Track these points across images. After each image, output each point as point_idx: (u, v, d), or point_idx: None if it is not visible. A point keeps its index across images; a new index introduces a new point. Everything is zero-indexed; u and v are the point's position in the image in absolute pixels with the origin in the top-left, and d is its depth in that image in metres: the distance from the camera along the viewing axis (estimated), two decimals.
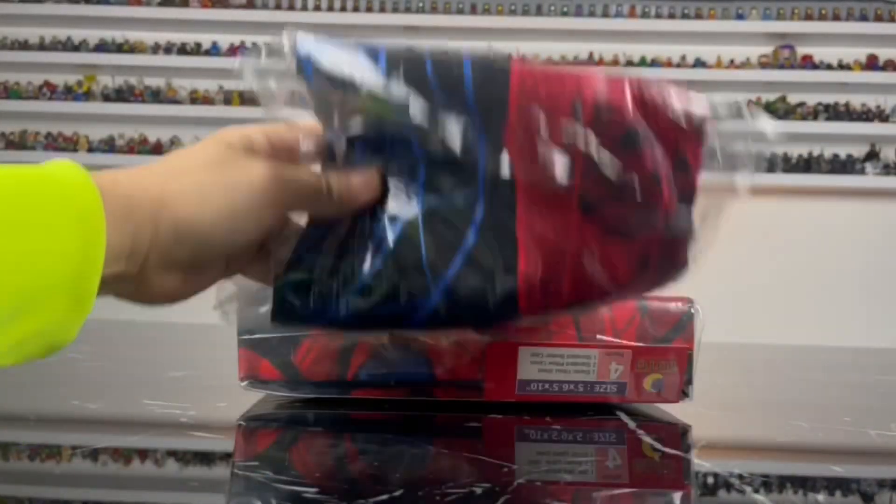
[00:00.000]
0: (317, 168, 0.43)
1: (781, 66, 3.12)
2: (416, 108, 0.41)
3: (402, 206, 0.43)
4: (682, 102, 0.42)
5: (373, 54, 0.42)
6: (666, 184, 0.42)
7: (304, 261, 0.43)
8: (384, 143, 0.43)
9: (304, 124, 0.43)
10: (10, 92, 3.20)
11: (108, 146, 3.22)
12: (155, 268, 0.37)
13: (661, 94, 0.42)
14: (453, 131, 0.42)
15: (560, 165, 0.41)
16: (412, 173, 0.43)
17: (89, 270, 0.33)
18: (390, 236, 0.42)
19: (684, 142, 0.42)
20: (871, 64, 3.10)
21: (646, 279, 0.44)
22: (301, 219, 0.44)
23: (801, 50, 3.15)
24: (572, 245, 0.42)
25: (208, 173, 0.38)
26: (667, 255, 0.43)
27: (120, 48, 3.20)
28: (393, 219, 0.43)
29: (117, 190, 0.35)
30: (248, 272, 0.43)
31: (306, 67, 0.42)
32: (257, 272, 0.43)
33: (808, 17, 3.14)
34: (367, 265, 0.42)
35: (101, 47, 3.21)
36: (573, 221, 0.42)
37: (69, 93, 3.22)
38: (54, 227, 0.32)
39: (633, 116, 0.41)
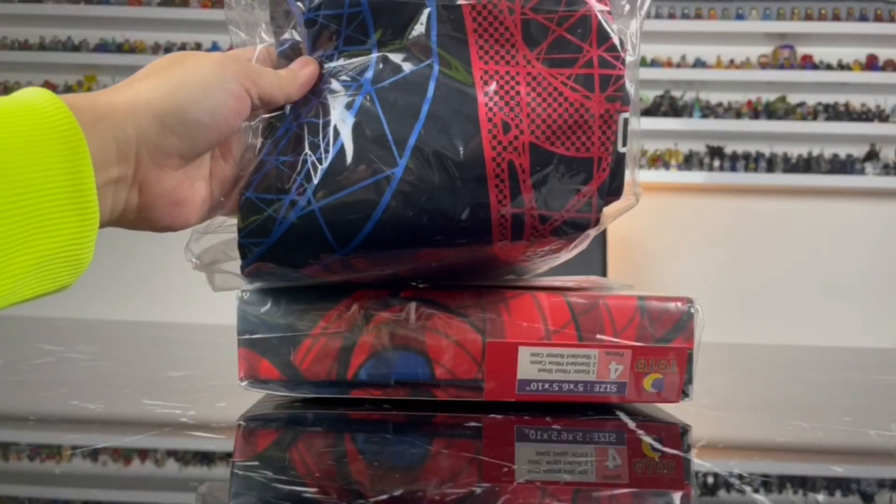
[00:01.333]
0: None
1: (781, 66, 3.12)
2: None
3: (356, 93, 0.46)
4: None
5: None
6: None
7: (264, 165, 0.45)
8: (339, 27, 0.47)
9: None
10: (11, 92, 3.19)
11: None
12: (151, 167, 0.40)
13: None
14: None
15: None
16: (365, 60, 0.47)
17: (81, 176, 0.34)
18: (348, 119, 0.45)
19: None
20: (871, 64, 3.10)
21: (591, 106, 0.46)
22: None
23: (801, 50, 3.15)
24: (523, 80, 0.46)
25: (174, 67, 0.42)
26: (604, 67, 0.46)
27: (120, 48, 3.21)
28: (349, 105, 0.45)
29: (87, 101, 0.37)
30: (228, 195, 0.47)
31: None
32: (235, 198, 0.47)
33: (808, 17, 3.14)
34: (327, 151, 0.45)
35: (101, 47, 3.21)
36: (521, 57, 0.46)
37: (69, 93, 3.21)
38: (36, 144, 0.33)
39: None
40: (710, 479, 0.39)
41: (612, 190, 0.48)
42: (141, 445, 0.43)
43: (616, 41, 0.47)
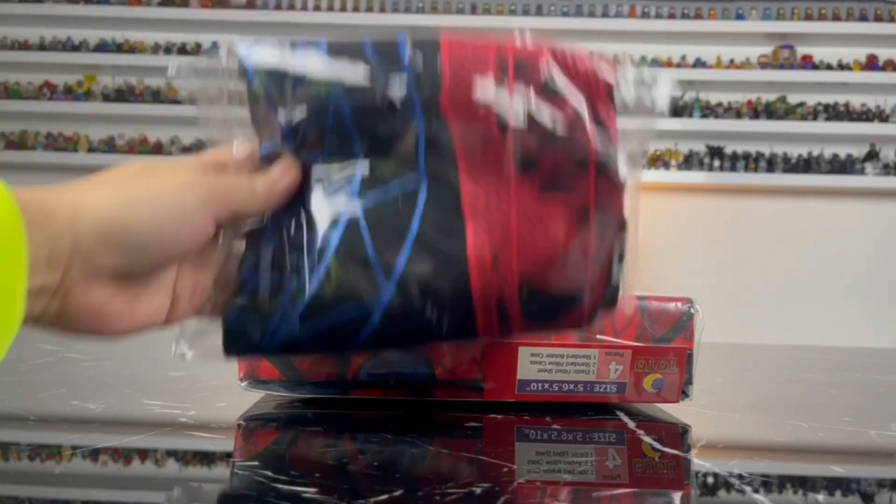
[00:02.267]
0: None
1: (781, 67, 3.12)
2: (357, 76, 0.42)
3: (341, 207, 0.42)
4: (591, 60, 0.44)
5: (313, 45, 0.43)
6: (590, 122, 0.43)
7: (247, 284, 0.42)
8: (323, 134, 0.43)
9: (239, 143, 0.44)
10: (11, 92, 3.20)
11: (109, 146, 3.22)
12: (79, 278, 0.36)
13: (572, 52, 0.44)
14: (394, 93, 0.42)
15: (496, 114, 0.42)
16: (351, 167, 0.43)
17: (12, 285, 0.32)
18: (333, 240, 0.42)
19: (596, 92, 0.44)
20: (871, 64, 3.11)
21: (587, 239, 0.43)
22: (241, 245, 0.43)
23: (801, 50, 3.15)
24: (515, 211, 0.42)
25: (133, 180, 0.38)
26: (603, 204, 0.43)
27: (120, 48, 3.21)
28: (334, 222, 0.42)
29: (37, 202, 0.34)
30: (200, 305, 0.42)
31: (247, 68, 0.42)
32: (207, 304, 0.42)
33: (808, 17, 3.14)
34: (311, 276, 0.41)
35: (101, 47, 3.21)
36: (513, 184, 0.42)
37: (69, 93, 3.22)
38: None
39: (551, 65, 0.43)
40: (710, 479, 0.39)
41: (603, 309, 0.45)
42: (141, 445, 0.43)
43: (616, 171, 0.43)
